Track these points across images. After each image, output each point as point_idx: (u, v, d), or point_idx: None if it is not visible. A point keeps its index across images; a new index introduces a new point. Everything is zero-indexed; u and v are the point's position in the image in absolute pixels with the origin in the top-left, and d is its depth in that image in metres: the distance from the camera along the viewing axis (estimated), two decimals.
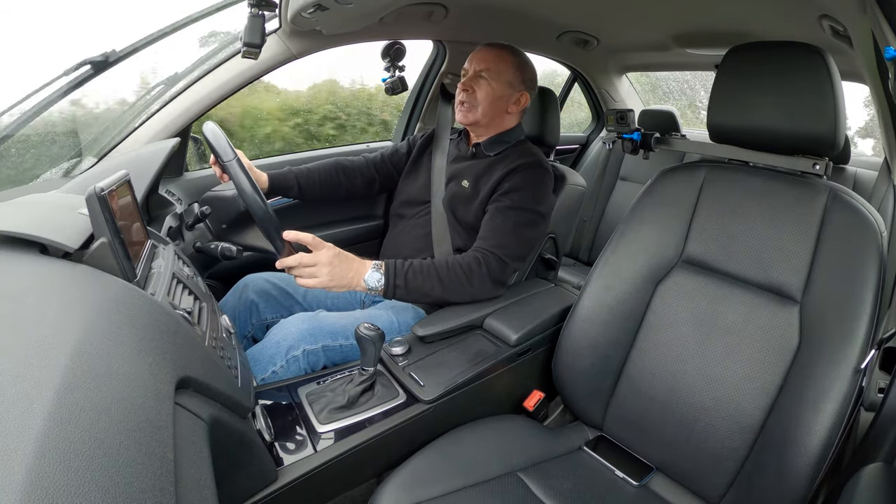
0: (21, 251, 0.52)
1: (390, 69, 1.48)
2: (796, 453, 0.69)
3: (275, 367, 0.91)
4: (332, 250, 0.90)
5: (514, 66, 1.13)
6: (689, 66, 2.03)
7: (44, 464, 0.27)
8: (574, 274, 1.94)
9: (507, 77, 1.12)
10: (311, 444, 0.75)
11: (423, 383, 0.86)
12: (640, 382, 0.90)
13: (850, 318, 0.71)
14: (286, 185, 1.20)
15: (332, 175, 1.27)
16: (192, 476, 0.40)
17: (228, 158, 0.86)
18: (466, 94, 1.12)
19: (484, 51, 1.14)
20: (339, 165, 1.29)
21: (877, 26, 0.61)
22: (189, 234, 1.07)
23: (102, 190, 0.56)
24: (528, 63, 1.17)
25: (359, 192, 1.32)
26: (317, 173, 1.25)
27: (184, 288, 0.68)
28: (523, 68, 1.15)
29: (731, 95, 0.86)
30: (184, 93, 1.19)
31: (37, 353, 0.35)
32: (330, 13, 1.03)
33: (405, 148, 1.33)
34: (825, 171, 0.83)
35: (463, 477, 0.78)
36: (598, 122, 2.47)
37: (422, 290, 0.97)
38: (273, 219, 0.88)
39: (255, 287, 1.13)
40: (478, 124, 1.15)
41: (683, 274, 0.91)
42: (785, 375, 0.76)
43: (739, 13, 1.21)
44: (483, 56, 1.13)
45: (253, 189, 0.86)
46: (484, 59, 1.12)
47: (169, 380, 0.43)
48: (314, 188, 1.24)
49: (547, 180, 1.11)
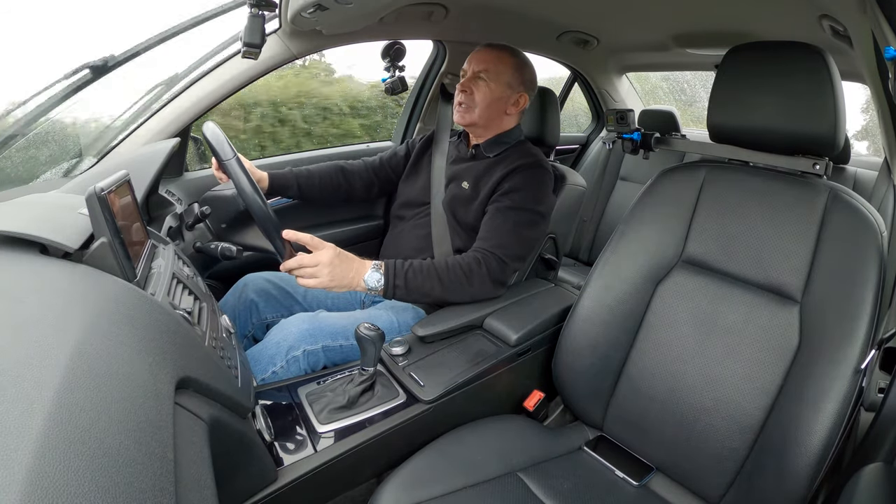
0: (21, 251, 0.52)
1: (390, 69, 1.48)
2: (796, 453, 0.69)
3: (275, 367, 0.91)
4: (332, 250, 0.90)
5: (513, 67, 1.13)
6: (689, 66, 2.03)
7: (44, 464, 0.27)
8: (574, 274, 1.94)
9: (505, 78, 1.12)
10: (311, 444, 0.75)
11: (423, 383, 0.86)
12: (640, 382, 0.90)
13: (850, 318, 0.71)
14: (286, 186, 1.20)
15: (333, 177, 1.27)
16: (192, 476, 0.40)
17: (227, 157, 0.86)
18: (465, 95, 1.12)
19: (483, 52, 1.14)
20: (339, 168, 1.29)
21: (877, 26, 0.61)
22: (189, 234, 1.07)
23: (102, 190, 0.56)
24: (528, 64, 1.17)
25: (358, 194, 1.32)
26: (317, 175, 1.25)
27: (184, 288, 0.68)
28: (522, 69, 1.14)
29: (731, 95, 0.86)
30: (184, 93, 1.19)
31: (37, 353, 0.35)
32: (330, 13, 1.03)
33: (403, 151, 1.34)
34: (825, 171, 0.83)
35: (463, 477, 0.78)
36: (598, 122, 2.47)
37: (422, 290, 0.97)
38: (273, 219, 0.88)
39: (255, 287, 1.13)
40: (476, 125, 1.15)
41: (683, 274, 0.91)
42: (785, 375, 0.76)
43: (739, 13, 1.21)
44: (482, 57, 1.13)
45: (253, 189, 0.86)
46: (483, 59, 1.12)
47: (169, 380, 0.43)
48: (314, 189, 1.24)
49: (547, 180, 1.11)
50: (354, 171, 1.31)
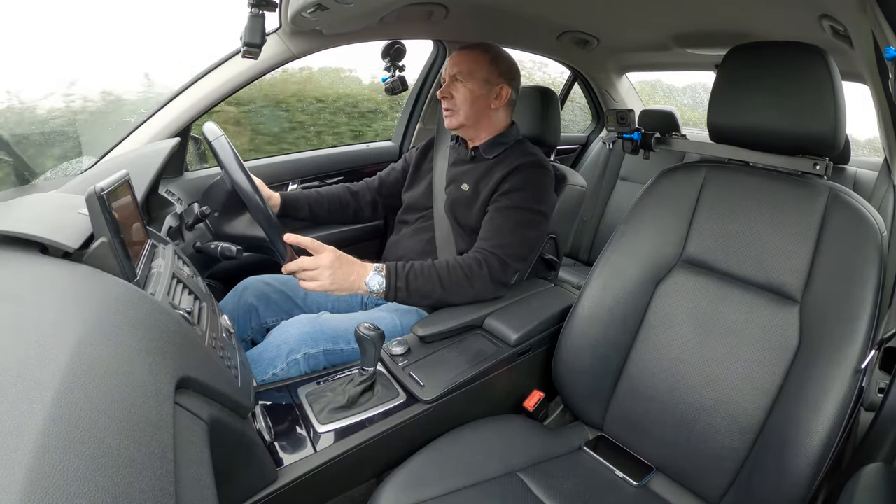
0: (21, 251, 0.52)
1: (390, 69, 1.48)
2: (796, 453, 0.69)
3: (275, 369, 0.91)
4: (333, 253, 0.90)
5: (488, 62, 1.12)
6: (689, 66, 2.02)
7: (43, 464, 0.27)
8: (574, 274, 1.94)
9: (481, 75, 1.11)
10: (311, 444, 0.75)
11: (423, 383, 0.86)
12: (640, 382, 0.90)
13: (850, 318, 0.71)
14: (297, 207, 1.25)
15: (342, 198, 1.32)
16: (192, 476, 0.40)
17: (237, 177, 0.87)
18: (447, 101, 1.13)
19: (456, 55, 1.14)
20: (347, 189, 1.34)
21: (877, 26, 0.61)
22: (189, 234, 1.07)
23: (102, 190, 0.56)
24: (503, 56, 1.16)
25: (366, 215, 1.36)
26: (326, 197, 1.30)
27: (184, 288, 0.68)
28: (497, 62, 1.14)
29: (732, 95, 0.86)
30: (184, 93, 1.19)
31: (37, 353, 0.35)
32: (330, 13, 1.03)
33: (401, 165, 1.36)
34: (825, 172, 0.83)
35: (463, 477, 0.78)
36: (599, 122, 2.47)
37: (423, 292, 0.97)
38: (275, 222, 0.88)
39: (255, 290, 1.13)
40: (465, 126, 1.15)
41: (683, 274, 0.91)
42: (785, 375, 0.76)
43: (739, 13, 1.21)
44: (455, 60, 1.13)
45: (254, 190, 0.86)
46: (456, 62, 1.13)
47: (169, 380, 0.43)
48: (323, 210, 1.29)
49: (547, 179, 1.11)
50: (359, 192, 1.35)
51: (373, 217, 1.40)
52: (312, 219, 1.29)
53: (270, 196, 1.18)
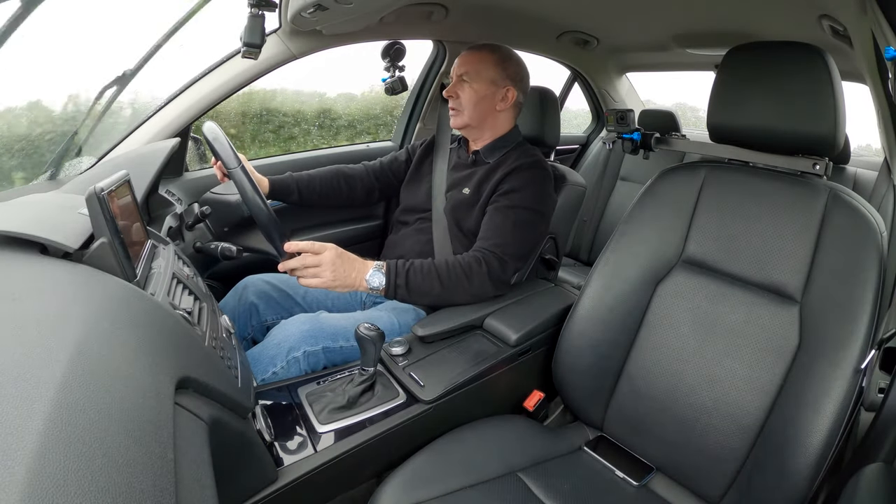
0: (21, 251, 0.52)
1: (390, 69, 1.48)
2: (796, 453, 0.69)
3: (275, 367, 0.91)
4: (334, 250, 0.91)
5: (495, 63, 1.12)
6: (689, 66, 2.03)
7: (44, 464, 0.27)
8: (574, 274, 1.94)
9: (488, 75, 1.11)
10: (311, 444, 0.75)
11: (423, 383, 0.86)
12: (640, 382, 0.90)
13: (850, 318, 0.71)
14: (286, 191, 1.21)
15: (333, 182, 1.28)
16: (192, 476, 0.40)
17: (233, 166, 0.86)
18: (453, 100, 1.13)
19: (464, 55, 1.14)
20: (340, 172, 1.30)
21: (877, 26, 0.61)
22: (189, 234, 1.07)
23: (102, 190, 0.56)
24: (512, 57, 1.16)
25: (358, 199, 1.33)
26: (318, 180, 1.26)
27: (184, 288, 0.68)
28: (505, 64, 1.13)
29: (731, 95, 0.86)
30: (184, 93, 1.19)
31: (37, 353, 0.35)
32: (330, 13, 1.03)
33: (404, 156, 1.34)
34: (825, 171, 0.83)
35: (463, 477, 0.78)
36: (598, 122, 2.47)
37: (422, 290, 0.97)
38: (277, 225, 0.88)
39: (255, 289, 1.13)
40: (469, 127, 1.15)
41: (683, 274, 0.91)
42: (785, 375, 0.76)
43: (739, 13, 1.21)
44: (463, 60, 1.13)
45: (256, 194, 0.86)
46: (464, 62, 1.13)
47: (169, 380, 0.43)
48: (314, 195, 1.25)
49: (546, 180, 1.11)
50: (355, 175, 1.31)
51: (366, 202, 1.35)
52: (302, 203, 1.24)
53: (260, 181, 1.14)
